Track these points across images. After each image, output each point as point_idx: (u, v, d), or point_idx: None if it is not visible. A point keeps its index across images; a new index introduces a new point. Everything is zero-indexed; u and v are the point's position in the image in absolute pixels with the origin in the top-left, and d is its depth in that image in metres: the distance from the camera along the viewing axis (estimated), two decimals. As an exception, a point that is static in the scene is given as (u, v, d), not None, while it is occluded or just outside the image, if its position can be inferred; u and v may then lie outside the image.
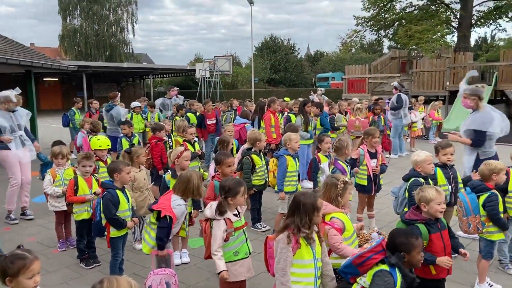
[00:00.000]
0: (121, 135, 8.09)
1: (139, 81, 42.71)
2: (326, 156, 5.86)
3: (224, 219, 3.45)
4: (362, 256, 2.90)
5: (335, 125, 9.93)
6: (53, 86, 36.00)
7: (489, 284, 4.24)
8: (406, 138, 12.45)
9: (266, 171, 6.05)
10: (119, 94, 10.94)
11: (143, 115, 11.49)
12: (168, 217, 3.88)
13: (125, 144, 7.54)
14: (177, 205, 4.00)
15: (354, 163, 5.60)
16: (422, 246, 2.84)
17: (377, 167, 5.59)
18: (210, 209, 3.55)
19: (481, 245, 4.33)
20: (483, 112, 5.61)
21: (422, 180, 4.52)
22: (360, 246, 3.52)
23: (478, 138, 5.51)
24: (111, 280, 1.97)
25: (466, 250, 5.25)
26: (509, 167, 4.48)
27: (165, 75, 41.90)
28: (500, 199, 4.17)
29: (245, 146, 6.45)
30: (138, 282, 2.19)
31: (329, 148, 5.91)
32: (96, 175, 5.31)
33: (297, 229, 2.96)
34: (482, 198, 4.16)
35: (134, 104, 11.39)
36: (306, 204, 2.98)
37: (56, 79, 35.49)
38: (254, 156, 5.97)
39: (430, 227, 3.34)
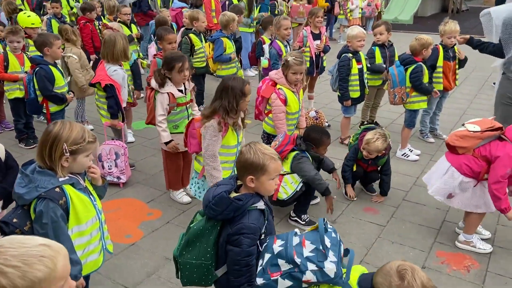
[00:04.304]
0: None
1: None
2: (269, 39, 5.85)
3: (167, 93, 3.39)
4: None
5: (276, 11, 9.66)
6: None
7: (410, 149, 4.80)
8: (344, 29, 12.55)
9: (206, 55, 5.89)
10: None
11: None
12: (110, 85, 3.83)
13: (55, 25, 6.95)
14: (113, 71, 3.92)
15: (299, 48, 5.67)
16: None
17: (319, 46, 5.71)
18: (154, 79, 3.52)
19: (405, 116, 4.80)
20: None
21: (350, 55, 4.74)
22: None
23: None
24: (65, 122, 1.86)
25: (394, 123, 5.83)
26: (437, 44, 4.80)
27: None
28: (426, 71, 4.54)
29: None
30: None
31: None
32: (28, 53, 4.96)
33: (225, 113, 2.90)
34: (409, 69, 4.51)
35: None
36: (234, 88, 2.89)
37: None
38: (193, 36, 5.71)
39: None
